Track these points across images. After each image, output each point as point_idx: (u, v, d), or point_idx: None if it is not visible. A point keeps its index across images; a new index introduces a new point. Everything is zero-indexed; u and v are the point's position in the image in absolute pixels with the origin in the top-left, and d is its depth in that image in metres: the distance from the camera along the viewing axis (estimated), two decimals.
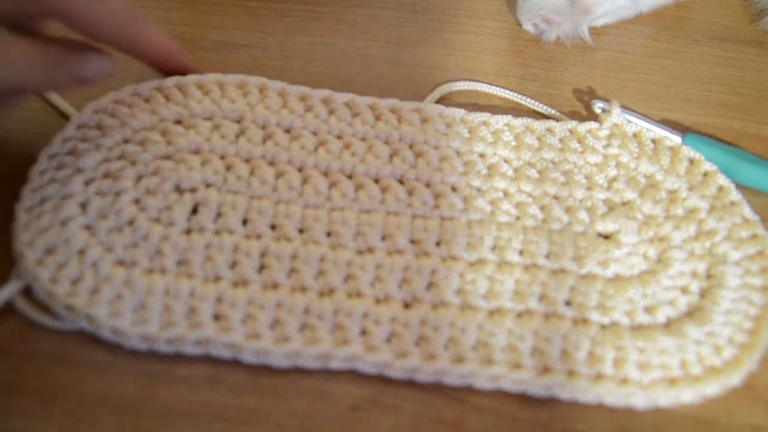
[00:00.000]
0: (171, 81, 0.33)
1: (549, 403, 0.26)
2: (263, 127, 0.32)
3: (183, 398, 0.25)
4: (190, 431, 0.25)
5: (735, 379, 0.26)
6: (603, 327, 0.27)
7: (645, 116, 0.35)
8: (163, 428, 0.25)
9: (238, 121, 0.32)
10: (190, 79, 0.33)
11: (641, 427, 0.25)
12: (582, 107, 0.37)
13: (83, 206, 0.28)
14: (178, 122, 0.32)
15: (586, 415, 0.26)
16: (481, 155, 0.32)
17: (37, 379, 0.25)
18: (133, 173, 0.29)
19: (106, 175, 0.29)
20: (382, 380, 0.26)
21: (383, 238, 0.29)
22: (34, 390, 0.25)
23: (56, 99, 0.34)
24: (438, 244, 0.29)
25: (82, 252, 0.27)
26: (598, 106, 0.35)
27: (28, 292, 0.27)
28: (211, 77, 0.34)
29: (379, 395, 0.26)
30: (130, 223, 0.28)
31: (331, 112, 0.33)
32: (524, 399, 0.26)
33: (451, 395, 0.26)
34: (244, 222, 0.29)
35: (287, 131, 0.32)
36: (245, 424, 0.25)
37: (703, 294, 0.28)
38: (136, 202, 0.29)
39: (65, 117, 0.33)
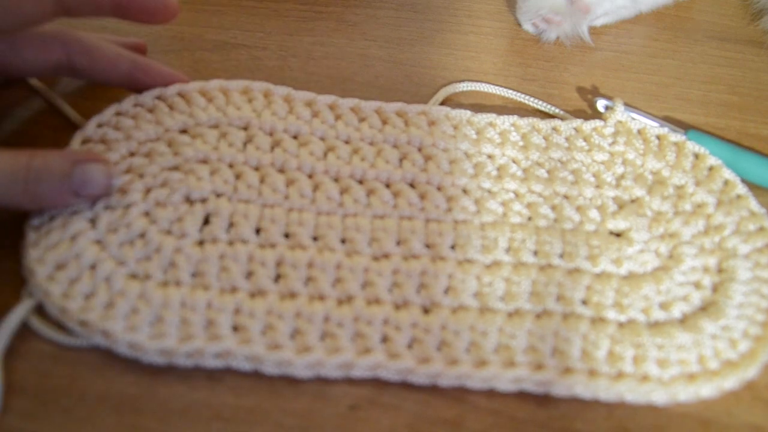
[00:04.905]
0: (173, 89, 0.33)
1: (548, 402, 0.26)
2: (271, 134, 0.32)
3: (182, 397, 0.25)
4: (189, 430, 0.24)
5: (752, 371, 0.26)
6: (621, 325, 0.27)
7: (647, 113, 0.35)
8: (163, 427, 0.24)
9: (245, 129, 0.32)
10: (193, 86, 0.33)
11: (640, 427, 0.25)
12: (584, 107, 0.37)
13: (93, 221, 0.28)
14: (184, 132, 0.31)
15: (584, 414, 0.26)
16: (490, 156, 0.32)
17: (37, 378, 0.25)
18: (141, 186, 0.29)
19: (114, 190, 0.29)
20: (381, 380, 0.26)
21: (398, 243, 0.29)
22: (34, 389, 0.24)
23: (64, 106, 0.33)
24: (453, 247, 0.29)
25: (93, 266, 0.26)
26: (601, 104, 0.35)
27: (40, 309, 0.26)
28: (215, 84, 0.33)
29: (378, 395, 0.25)
30: (142, 236, 0.28)
31: (337, 117, 0.33)
32: (523, 399, 0.26)
33: (449, 395, 0.26)
34: (257, 231, 0.29)
35: (295, 137, 0.32)
36: (244, 424, 0.24)
37: (715, 288, 0.29)
38: (147, 214, 0.28)
39: (74, 126, 0.32)
